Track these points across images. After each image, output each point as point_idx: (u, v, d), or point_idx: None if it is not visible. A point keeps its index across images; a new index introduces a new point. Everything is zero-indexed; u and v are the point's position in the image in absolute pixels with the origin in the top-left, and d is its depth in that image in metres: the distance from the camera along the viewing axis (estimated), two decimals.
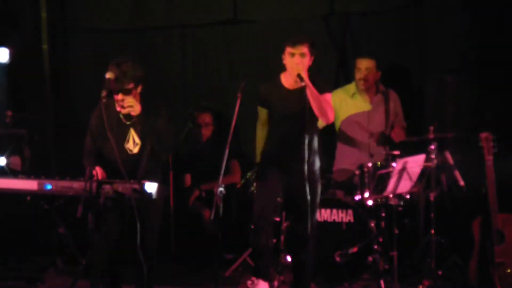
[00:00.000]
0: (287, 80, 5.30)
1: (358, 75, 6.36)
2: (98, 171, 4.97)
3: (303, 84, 5.07)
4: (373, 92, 6.42)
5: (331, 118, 5.21)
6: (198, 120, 6.89)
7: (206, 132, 6.89)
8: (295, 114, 5.17)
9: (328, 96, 5.23)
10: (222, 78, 7.22)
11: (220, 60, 7.24)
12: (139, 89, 5.03)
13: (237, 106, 5.06)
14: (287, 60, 5.21)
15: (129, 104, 4.96)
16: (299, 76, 5.09)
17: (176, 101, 7.30)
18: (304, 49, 5.15)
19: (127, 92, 4.95)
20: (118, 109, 5.05)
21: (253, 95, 6.55)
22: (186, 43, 7.30)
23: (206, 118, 6.89)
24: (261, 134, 5.48)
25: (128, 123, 5.09)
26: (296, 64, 5.14)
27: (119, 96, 4.95)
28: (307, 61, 5.18)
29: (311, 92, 5.08)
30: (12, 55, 6.80)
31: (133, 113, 5.00)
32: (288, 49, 5.18)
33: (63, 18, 7.38)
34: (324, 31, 6.97)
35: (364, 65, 6.33)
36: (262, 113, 5.42)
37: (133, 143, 5.11)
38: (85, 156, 5.19)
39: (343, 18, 6.94)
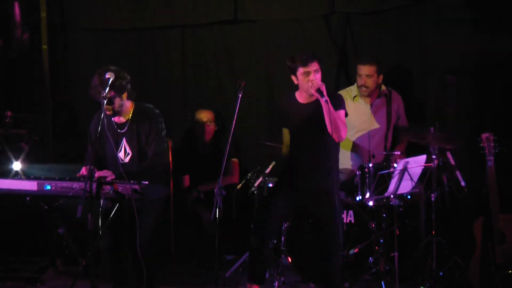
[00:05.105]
0: (302, 96, 5.28)
1: (359, 81, 6.32)
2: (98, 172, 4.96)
3: (323, 99, 5.02)
4: (375, 95, 6.39)
5: (343, 136, 5.17)
6: (201, 117, 6.77)
7: (209, 129, 6.77)
8: (312, 127, 5.16)
9: (342, 113, 5.21)
10: (222, 78, 7.20)
11: (220, 60, 7.22)
12: (124, 96, 5.06)
13: (237, 106, 5.05)
14: (301, 79, 5.17)
15: (110, 113, 5.03)
16: (319, 91, 5.04)
17: (176, 101, 7.29)
18: (317, 65, 5.15)
19: (109, 101, 4.98)
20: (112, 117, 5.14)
21: (253, 95, 6.59)
22: (186, 43, 7.28)
23: (209, 114, 6.78)
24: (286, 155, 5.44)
25: (120, 131, 5.14)
26: (312, 81, 5.10)
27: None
28: (320, 75, 5.17)
29: (327, 108, 5.04)
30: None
31: (117, 121, 5.11)
32: (301, 70, 5.14)
33: (63, 18, 7.37)
34: (325, 31, 6.95)
35: (364, 71, 6.27)
36: (285, 133, 5.38)
37: (124, 153, 5.15)
38: (85, 160, 5.21)
39: (343, 18, 6.92)
